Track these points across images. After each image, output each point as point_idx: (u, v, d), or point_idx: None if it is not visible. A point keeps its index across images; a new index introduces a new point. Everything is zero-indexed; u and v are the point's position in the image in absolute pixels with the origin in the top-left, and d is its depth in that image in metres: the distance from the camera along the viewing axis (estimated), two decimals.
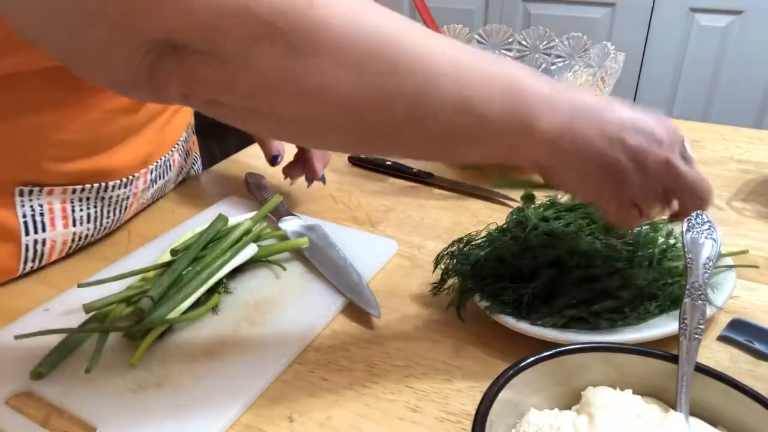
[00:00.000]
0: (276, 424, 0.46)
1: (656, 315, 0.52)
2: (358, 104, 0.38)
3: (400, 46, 0.38)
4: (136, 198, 0.72)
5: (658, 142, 0.43)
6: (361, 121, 0.39)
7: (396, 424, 0.46)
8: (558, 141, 0.42)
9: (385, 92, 0.38)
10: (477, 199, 0.78)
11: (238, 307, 0.57)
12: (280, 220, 0.70)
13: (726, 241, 0.66)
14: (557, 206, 0.60)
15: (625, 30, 2.17)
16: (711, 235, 0.49)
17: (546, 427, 0.38)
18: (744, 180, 0.81)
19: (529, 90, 0.41)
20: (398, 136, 0.41)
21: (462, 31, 0.96)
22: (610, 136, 0.43)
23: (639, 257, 0.54)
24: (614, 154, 0.43)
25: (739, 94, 2.09)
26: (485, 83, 0.40)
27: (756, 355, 0.51)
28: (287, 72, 0.36)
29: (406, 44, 0.38)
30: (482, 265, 0.55)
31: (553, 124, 0.41)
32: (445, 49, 0.40)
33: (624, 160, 0.43)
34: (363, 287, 0.59)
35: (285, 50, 0.35)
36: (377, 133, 0.41)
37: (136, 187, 0.71)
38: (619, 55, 0.78)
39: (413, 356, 0.52)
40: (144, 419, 0.46)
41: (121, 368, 0.50)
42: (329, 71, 0.36)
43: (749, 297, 0.58)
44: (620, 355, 0.41)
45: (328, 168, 0.87)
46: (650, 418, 0.38)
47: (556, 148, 0.42)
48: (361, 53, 0.36)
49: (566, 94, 0.42)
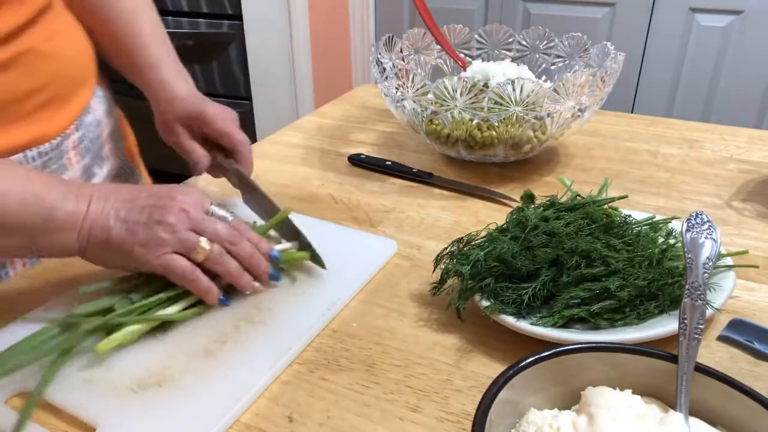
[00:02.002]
0: (276, 424, 0.46)
1: (656, 315, 0.52)
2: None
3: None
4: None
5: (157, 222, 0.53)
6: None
7: (396, 424, 0.46)
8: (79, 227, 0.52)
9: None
10: (477, 199, 0.78)
11: (238, 307, 0.57)
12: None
13: (726, 241, 0.67)
14: (557, 206, 0.60)
15: (625, 30, 2.17)
16: (711, 235, 0.49)
17: (546, 427, 0.38)
18: (744, 180, 0.81)
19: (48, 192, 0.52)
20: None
21: (462, 31, 0.97)
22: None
23: (639, 257, 0.54)
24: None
25: (739, 94, 2.09)
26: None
27: (756, 355, 0.51)
28: None
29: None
30: (482, 265, 0.55)
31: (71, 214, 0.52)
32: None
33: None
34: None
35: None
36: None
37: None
38: (619, 55, 0.79)
39: (413, 356, 0.52)
40: (144, 419, 0.46)
41: (122, 368, 0.50)
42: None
43: (749, 297, 0.58)
44: (620, 355, 0.41)
45: (328, 167, 0.88)
46: (650, 418, 0.38)
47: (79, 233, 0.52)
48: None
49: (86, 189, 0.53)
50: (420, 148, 0.93)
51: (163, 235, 0.53)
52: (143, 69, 0.76)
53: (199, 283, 0.54)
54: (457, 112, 0.76)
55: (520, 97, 0.72)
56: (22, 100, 0.65)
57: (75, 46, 0.73)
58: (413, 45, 0.95)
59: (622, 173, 0.84)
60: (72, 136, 0.72)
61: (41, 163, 0.68)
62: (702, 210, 0.54)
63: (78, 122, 0.73)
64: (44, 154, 0.68)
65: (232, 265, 0.56)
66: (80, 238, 0.53)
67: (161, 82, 0.74)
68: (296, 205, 0.77)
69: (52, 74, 0.68)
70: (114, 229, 0.53)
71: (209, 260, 0.55)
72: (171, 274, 0.54)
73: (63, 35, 0.71)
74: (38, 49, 0.65)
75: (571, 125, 0.80)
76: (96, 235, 0.53)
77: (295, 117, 2.39)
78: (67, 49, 0.70)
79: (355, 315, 0.57)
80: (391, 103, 0.83)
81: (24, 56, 0.64)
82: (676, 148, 0.91)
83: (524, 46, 0.95)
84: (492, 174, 0.84)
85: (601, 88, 0.77)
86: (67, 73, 0.71)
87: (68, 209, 0.52)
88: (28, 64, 0.64)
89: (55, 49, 0.68)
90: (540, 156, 0.88)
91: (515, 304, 0.52)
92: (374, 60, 0.84)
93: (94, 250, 0.53)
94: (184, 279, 0.54)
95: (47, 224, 0.51)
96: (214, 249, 0.54)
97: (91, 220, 0.53)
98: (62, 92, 0.70)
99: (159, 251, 0.53)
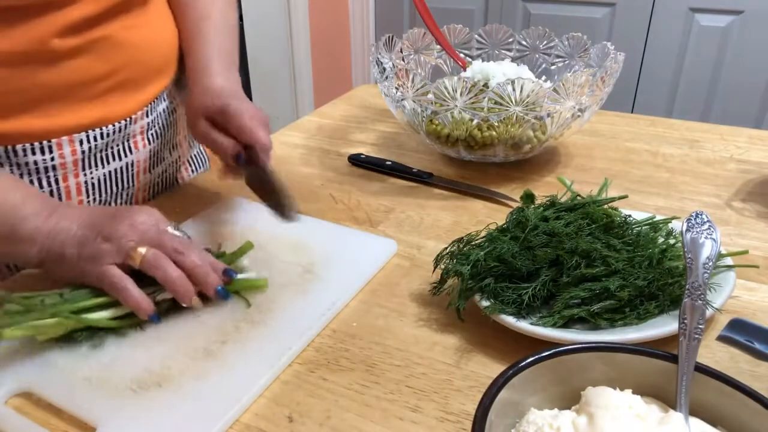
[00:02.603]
0: (276, 424, 0.46)
1: (656, 315, 0.52)
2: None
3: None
4: (67, 170, 0.69)
5: (106, 237, 0.54)
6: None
7: (396, 424, 0.46)
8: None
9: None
10: (477, 199, 0.78)
11: (238, 308, 0.57)
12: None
13: (726, 241, 0.67)
14: (557, 206, 0.60)
15: (625, 30, 2.17)
16: (711, 235, 0.49)
17: (546, 426, 0.38)
18: (744, 180, 0.81)
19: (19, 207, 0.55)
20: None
21: (462, 31, 0.97)
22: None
23: (639, 257, 0.54)
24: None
25: (739, 94, 2.09)
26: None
27: (756, 355, 0.51)
28: None
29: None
30: (482, 265, 0.55)
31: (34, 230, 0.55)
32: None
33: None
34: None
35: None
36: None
37: (62, 157, 0.68)
38: (619, 55, 0.79)
39: (413, 356, 0.52)
40: (144, 419, 0.46)
41: (122, 368, 0.50)
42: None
43: (749, 297, 0.58)
44: (620, 355, 0.41)
45: (328, 167, 0.88)
46: (650, 418, 0.38)
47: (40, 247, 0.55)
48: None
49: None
50: (420, 148, 0.93)
51: (104, 246, 0.54)
52: (189, 55, 0.77)
53: (128, 294, 0.53)
54: (457, 112, 0.76)
55: (520, 97, 0.72)
56: (91, 83, 0.68)
57: (154, 36, 0.75)
58: (413, 45, 0.95)
59: (622, 173, 0.84)
60: (140, 121, 0.75)
61: (103, 144, 0.71)
62: (702, 210, 0.54)
63: (149, 108, 0.76)
64: (106, 136, 0.71)
65: (172, 272, 0.54)
66: (40, 254, 0.55)
67: (198, 71, 0.73)
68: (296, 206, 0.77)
69: (125, 61, 0.70)
70: (67, 246, 0.55)
71: (145, 264, 0.53)
72: (104, 284, 0.53)
73: (144, 25, 0.72)
74: (113, 37, 0.68)
75: (571, 125, 0.80)
76: (54, 252, 0.55)
77: (295, 117, 2.39)
78: (144, 39, 0.72)
79: (355, 315, 0.57)
80: (391, 103, 0.83)
81: (98, 43, 0.66)
82: (676, 148, 0.91)
83: (524, 46, 0.95)
84: (492, 174, 0.84)
85: (601, 88, 0.77)
86: (141, 61, 0.73)
87: (36, 225, 0.55)
88: (100, 50, 0.67)
89: (131, 38, 0.70)
90: (540, 156, 0.88)
91: (515, 304, 0.52)
92: (374, 60, 0.84)
93: (50, 265, 0.56)
94: (113, 288, 0.53)
95: (12, 235, 0.55)
96: (148, 253, 0.54)
97: (51, 238, 0.55)
98: (134, 78, 0.72)
99: (99, 263, 0.53)
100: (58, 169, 0.68)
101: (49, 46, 0.62)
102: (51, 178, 0.68)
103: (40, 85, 0.64)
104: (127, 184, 0.76)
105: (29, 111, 0.64)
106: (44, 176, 0.68)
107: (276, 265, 0.63)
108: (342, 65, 2.72)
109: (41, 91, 0.64)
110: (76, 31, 0.64)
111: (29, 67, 0.62)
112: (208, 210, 0.75)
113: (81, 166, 0.70)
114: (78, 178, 0.71)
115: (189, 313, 0.56)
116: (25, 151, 0.66)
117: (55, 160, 0.68)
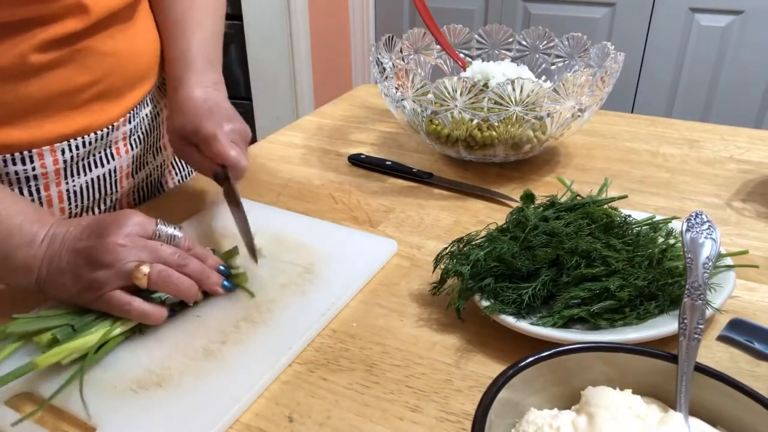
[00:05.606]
0: (276, 424, 0.46)
1: (656, 315, 0.52)
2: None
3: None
4: (49, 180, 0.67)
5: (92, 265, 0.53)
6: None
7: (396, 424, 0.46)
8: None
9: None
10: (477, 199, 0.78)
11: (238, 307, 0.57)
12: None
13: (726, 241, 0.67)
14: (557, 206, 0.60)
15: (625, 30, 2.17)
16: (711, 235, 0.49)
17: (546, 426, 0.38)
18: (744, 180, 0.81)
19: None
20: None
21: (462, 31, 0.97)
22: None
23: (639, 257, 0.54)
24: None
25: (739, 94, 2.09)
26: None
27: (756, 355, 0.51)
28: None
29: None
30: (482, 265, 0.55)
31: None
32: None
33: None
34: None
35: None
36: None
37: (44, 167, 0.66)
38: (619, 55, 0.79)
39: (413, 356, 0.52)
40: (144, 419, 0.46)
41: (122, 368, 0.50)
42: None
43: (749, 297, 0.58)
44: (620, 355, 0.41)
45: (328, 167, 0.88)
46: (650, 418, 0.38)
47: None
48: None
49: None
50: (420, 148, 0.93)
51: (102, 276, 0.52)
52: (170, 51, 0.75)
53: (137, 312, 0.53)
54: (457, 112, 0.76)
55: (520, 97, 0.72)
56: (73, 94, 0.67)
57: (138, 43, 0.73)
58: (413, 45, 0.95)
59: (622, 173, 0.84)
60: (123, 127, 0.74)
61: (85, 152, 0.70)
62: (702, 210, 0.54)
63: (131, 114, 0.75)
64: (88, 144, 0.70)
65: (183, 284, 0.55)
66: (38, 282, 0.55)
67: (176, 78, 0.72)
68: (296, 205, 0.77)
69: (107, 71, 0.69)
70: (65, 276, 0.53)
71: (153, 285, 0.53)
72: (111, 310, 0.53)
73: (127, 35, 0.71)
74: (95, 47, 0.67)
75: (571, 125, 0.80)
76: (51, 280, 0.54)
77: (295, 117, 2.39)
78: (127, 47, 0.71)
79: (355, 315, 0.57)
80: (391, 103, 0.83)
81: (79, 53, 0.65)
82: (676, 148, 0.91)
83: (524, 46, 0.95)
84: (492, 174, 0.84)
85: (601, 88, 0.77)
86: (124, 69, 0.72)
87: (30, 253, 0.54)
88: (82, 60, 0.66)
89: (114, 47, 0.69)
90: (540, 156, 0.88)
91: (515, 304, 0.52)
92: (374, 60, 0.84)
93: (50, 290, 0.55)
94: (122, 312, 0.53)
95: (6, 263, 0.54)
96: (153, 272, 0.53)
97: (46, 265, 0.54)
98: (116, 87, 0.71)
99: (100, 292, 0.52)
100: (39, 178, 0.67)
101: (28, 60, 0.61)
102: (32, 187, 0.67)
103: (20, 98, 0.62)
104: (110, 190, 0.75)
105: (10, 123, 0.63)
106: (25, 186, 0.66)
107: (276, 265, 0.63)
108: (342, 65, 2.72)
109: (22, 103, 0.62)
110: (57, 47, 0.63)
111: (9, 81, 0.61)
112: (200, 213, 0.75)
113: (63, 175, 0.69)
114: (60, 186, 0.69)
115: (189, 313, 0.56)
116: (5, 161, 0.64)
117: (36, 170, 0.66)
